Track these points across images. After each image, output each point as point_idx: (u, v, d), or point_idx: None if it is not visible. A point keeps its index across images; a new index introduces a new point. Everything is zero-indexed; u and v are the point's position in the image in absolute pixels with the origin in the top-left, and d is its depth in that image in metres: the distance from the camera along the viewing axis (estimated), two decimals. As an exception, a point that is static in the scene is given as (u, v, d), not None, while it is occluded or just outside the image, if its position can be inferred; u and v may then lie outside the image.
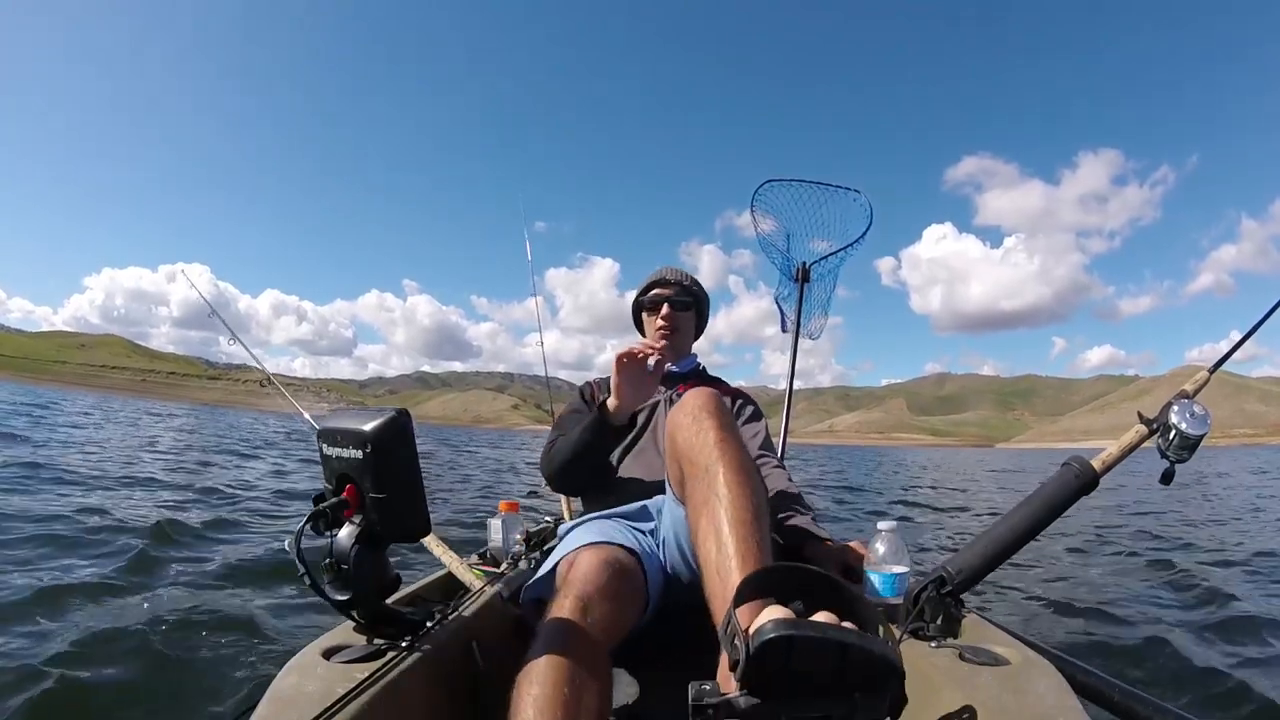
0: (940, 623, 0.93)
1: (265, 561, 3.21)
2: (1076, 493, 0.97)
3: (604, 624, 0.92)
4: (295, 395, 2.04)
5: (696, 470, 0.93)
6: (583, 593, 0.94)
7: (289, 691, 0.74)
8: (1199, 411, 0.95)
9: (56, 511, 4.04)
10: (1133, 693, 0.96)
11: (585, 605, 0.92)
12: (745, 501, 0.85)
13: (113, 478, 5.99)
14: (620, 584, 1.03)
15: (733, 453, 0.92)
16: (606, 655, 0.90)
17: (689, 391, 1.08)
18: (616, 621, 0.97)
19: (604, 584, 0.98)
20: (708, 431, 0.95)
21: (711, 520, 0.85)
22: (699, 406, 1.01)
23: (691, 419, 0.99)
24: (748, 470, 0.91)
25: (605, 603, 0.95)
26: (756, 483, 0.90)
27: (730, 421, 1.00)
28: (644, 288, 1.75)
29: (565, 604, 0.92)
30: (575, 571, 1.01)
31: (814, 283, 2.90)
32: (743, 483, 0.88)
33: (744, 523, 0.83)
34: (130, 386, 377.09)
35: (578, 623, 0.89)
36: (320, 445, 0.88)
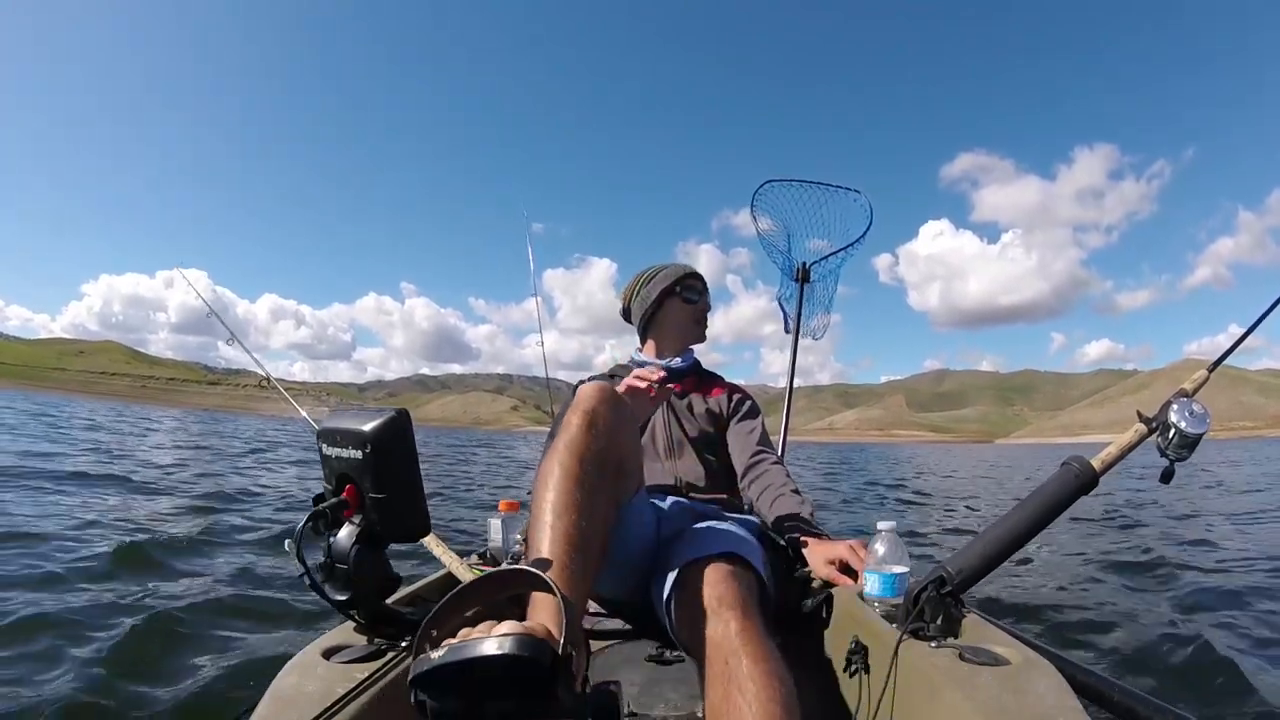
0: (940, 623, 0.93)
1: (265, 561, 3.22)
2: (1076, 492, 0.97)
3: (609, 434, 0.95)
4: (296, 399, 2.05)
5: (715, 664, 0.83)
6: (590, 407, 0.97)
7: (289, 691, 0.74)
8: (1198, 410, 0.95)
9: (57, 512, 4.05)
10: (1133, 693, 0.96)
11: (592, 417, 0.95)
12: (771, 694, 0.76)
13: (114, 478, 5.99)
14: (625, 411, 1.04)
15: (756, 644, 0.83)
16: (614, 465, 0.95)
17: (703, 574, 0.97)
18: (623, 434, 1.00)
19: (610, 397, 1.01)
20: (729, 623, 0.87)
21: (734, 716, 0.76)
22: (719, 599, 0.92)
23: (712, 613, 0.90)
24: (772, 660, 0.81)
25: (610, 414, 0.98)
26: (784, 674, 0.80)
27: (753, 610, 0.91)
28: (676, 277, 1.71)
29: (573, 418, 0.96)
30: (582, 391, 1.03)
31: (815, 282, 2.91)
32: (768, 673, 0.78)
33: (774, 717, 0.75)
34: (130, 393, 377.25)
35: (587, 432, 0.93)
36: (320, 445, 0.88)
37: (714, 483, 1.58)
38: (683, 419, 1.64)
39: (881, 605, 1.05)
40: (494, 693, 0.55)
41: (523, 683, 0.54)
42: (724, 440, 1.66)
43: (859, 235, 2.80)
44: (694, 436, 1.62)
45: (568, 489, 0.85)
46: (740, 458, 1.62)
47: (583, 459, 0.90)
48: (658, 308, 1.72)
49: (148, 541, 3.44)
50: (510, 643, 0.53)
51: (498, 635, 0.54)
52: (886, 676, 0.88)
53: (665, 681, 1.19)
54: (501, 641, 0.54)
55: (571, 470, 0.88)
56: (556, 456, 0.90)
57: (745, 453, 1.61)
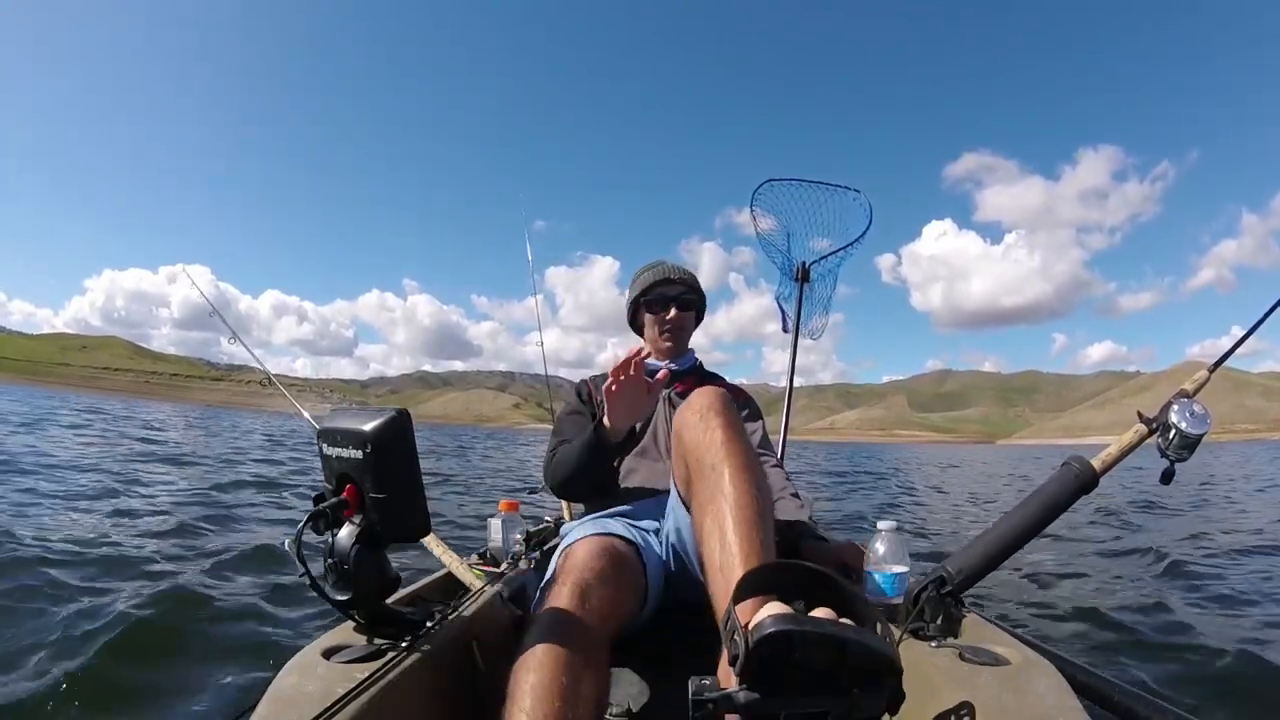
0: (940, 623, 0.93)
1: (265, 561, 3.21)
2: (1076, 492, 0.97)
3: (602, 612, 0.92)
4: (299, 396, 2.04)
5: (702, 469, 0.93)
6: (580, 580, 0.94)
7: (289, 691, 0.74)
8: (1199, 411, 0.95)
9: (57, 510, 4.05)
10: (1133, 693, 0.96)
11: (583, 592, 0.92)
12: (750, 500, 0.85)
13: (116, 479, 5.99)
14: (618, 572, 1.03)
15: (739, 452, 0.92)
16: (605, 644, 0.90)
17: (696, 390, 1.07)
18: (614, 610, 0.96)
19: (601, 570, 0.99)
20: (715, 430, 0.95)
21: (716, 518, 0.85)
22: (706, 405, 1.01)
23: (699, 417, 0.99)
24: (753, 469, 0.91)
25: (603, 590, 0.95)
26: (762, 482, 0.91)
27: (737, 420, 1.00)
28: (645, 285, 1.67)
29: (563, 591, 0.91)
30: (572, 559, 1.02)
31: (814, 282, 2.90)
32: (748, 481, 0.88)
33: (748, 521, 0.83)
34: (134, 389, 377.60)
35: (575, 610, 0.88)
36: (320, 445, 0.88)
37: None
38: None
39: (882, 605, 1.05)
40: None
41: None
42: None
43: (859, 235, 2.80)
44: None
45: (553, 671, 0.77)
46: None
47: (573, 644, 0.81)
48: (633, 316, 1.73)
49: (147, 541, 3.44)
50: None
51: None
52: None
53: (665, 679, 1.19)
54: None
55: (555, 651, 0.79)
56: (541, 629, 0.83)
57: None
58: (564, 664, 0.78)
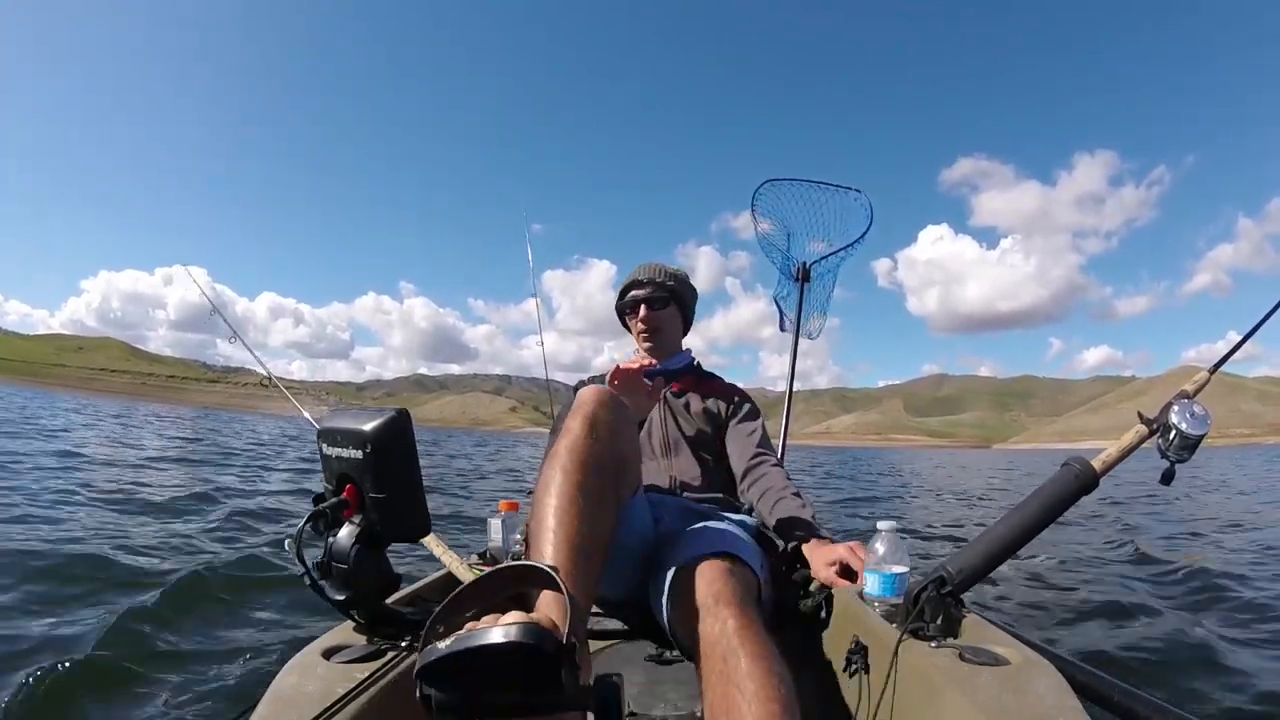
0: (940, 623, 0.93)
1: (265, 561, 3.21)
2: (1076, 493, 0.97)
3: (610, 439, 0.96)
4: (296, 398, 2.04)
5: (712, 659, 0.82)
6: (589, 412, 0.97)
7: (289, 691, 0.74)
8: (1199, 411, 0.95)
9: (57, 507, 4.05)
10: (1133, 693, 0.96)
11: (593, 422, 0.96)
12: (770, 694, 0.75)
13: (114, 476, 5.99)
14: (625, 414, 1.05)
15: (754, 642, 0.82)
16: (612, 473, 0.95)
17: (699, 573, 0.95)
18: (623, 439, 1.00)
19: (608, 401, 1.02)
20: (726, 621, 0.85)
21: (730, 715, 0.75)
22: (715, 596, 0.91)
23: (708, 612, 0.88)
24: (770, 658, 0.80)
25: (610, 418, 0.98)
26: (782, 671, 0.79)
27: (751, 608, 0.90)
28: (621, 291, 1.72)
29: (574, 423, 0.96)
30: (582, 398, 1.03)
31: (814, 282, 2.90)
32: (766, 670, 0.77)
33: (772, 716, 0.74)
34: (130, 390, 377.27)
35: (587, 438, 0.93)
36: (320, 445, 0.88)
37: (710, 482, 1.58)
38: (680, 418, 1.63)
39: (881, 605, 1.05)
40: (499, 684, 0.55)
41: (528, 671, 0.55)
42: (721, 440, 1.66)
43: (859, 235, 2.79)
44: (691, 436, 1.61)
45: (569, 494, 0.85)
46: (739, 459, 1.61)
47: (584, 463, 0.90)
48: (622, 321, 1.77)
49: (146, 540, 3.44)
50: (516, 630, 0.54)
51: (503, 624, 0.55)
52: (886, 676, 0.88)
53: (665, 682, 1.19)
54: (507, 630, 0.54)
55: (573, 475, 0.88)
56: (558, 461, 0.90)
57: (745, 454, 1.60)
58: (580, 486, 0.86)
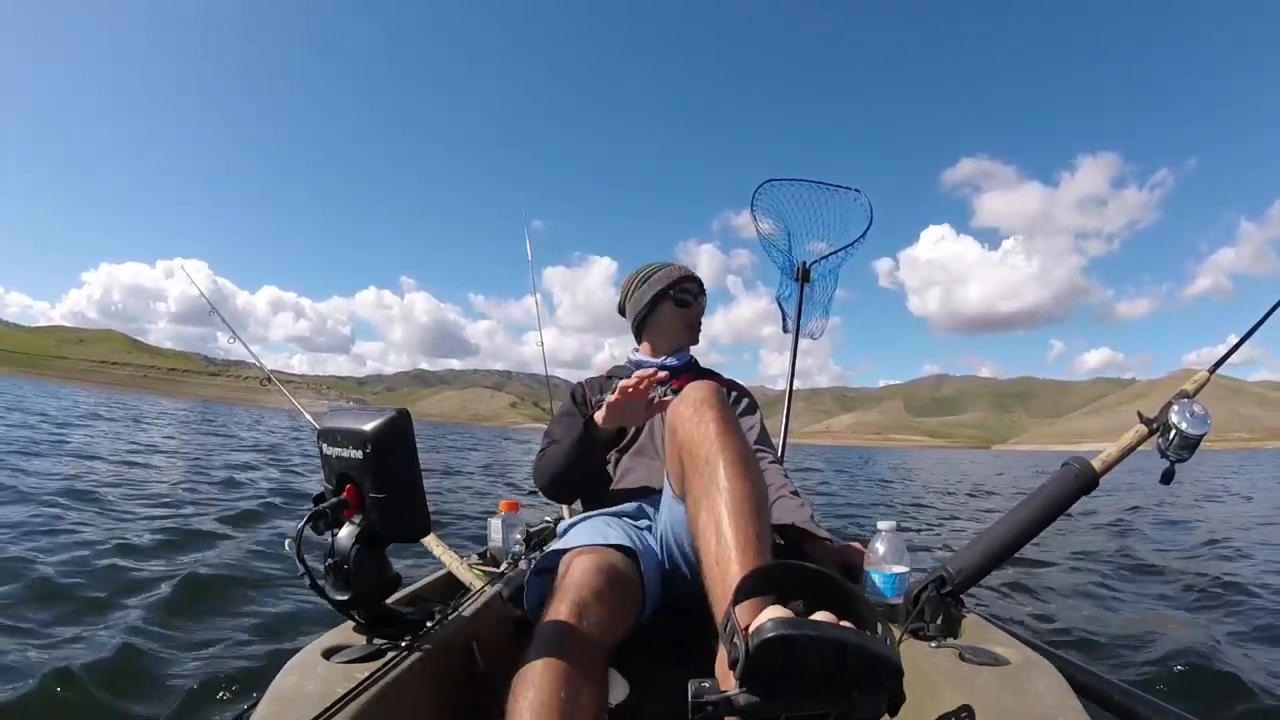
0: (940, 623, 0.93)
1: (265, 561, 3.21)
2: (1076, 493, 0.97)
3: (600, 626, 0.91)
4: (296, 392, 2.04)
5: (696, 462, 0.91)
6: (578, 597, 0.93)
7: (289, 691, 0.74)
8: (1199, 411, 0.95)
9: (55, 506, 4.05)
10: (1133, 693, 0.96)
11: (581, 609, 0.91)
12: (746, 494, 0.84)
13: (115, 475, 5.99)
14: (616, 587, 1.02)
15: (734, 445, 0.91)
16: (603, 657, 0.90)
17: (690, 384, 1.06)
18: (613, 624, 0.96)
19: (599, 587, 0.97)
20: (709, 423, 0.94)
21: (711, 513, 0.84)
22: (700, 399, 0.99)
23: (693, 410, 0.98)
24: (749, 462, 0.90)
25: (601, 605, 0.94)
26: (757, 475, 0.89)
27: (731, 414, 0.98)
28: (670, 280, 1.69)
29: (561, 608, 0.91)
30: (570, 576, 1.00)
31: (814, 282, 2.90)
32: (743, 475, 0.86)
33: (744, 515, 0.82)
34: (132, 383, 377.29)
35: (574, 625, 0.88)
36: (320, 445, 0.88)
37: None
38: None
39: (881, 605, 1.05)
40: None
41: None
42: None
43: (859, 235, 2.79)
44: None
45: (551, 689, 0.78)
46: None
47: (571, 660, 0.82)
48: (650, 310, 1.71)
49: (146, 540, 3.44)
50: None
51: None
52: None
53: (662, 680, 1.19)
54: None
55: (556, 666, 0.80)
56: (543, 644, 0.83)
57: None
58: (562, 678, 0.79)
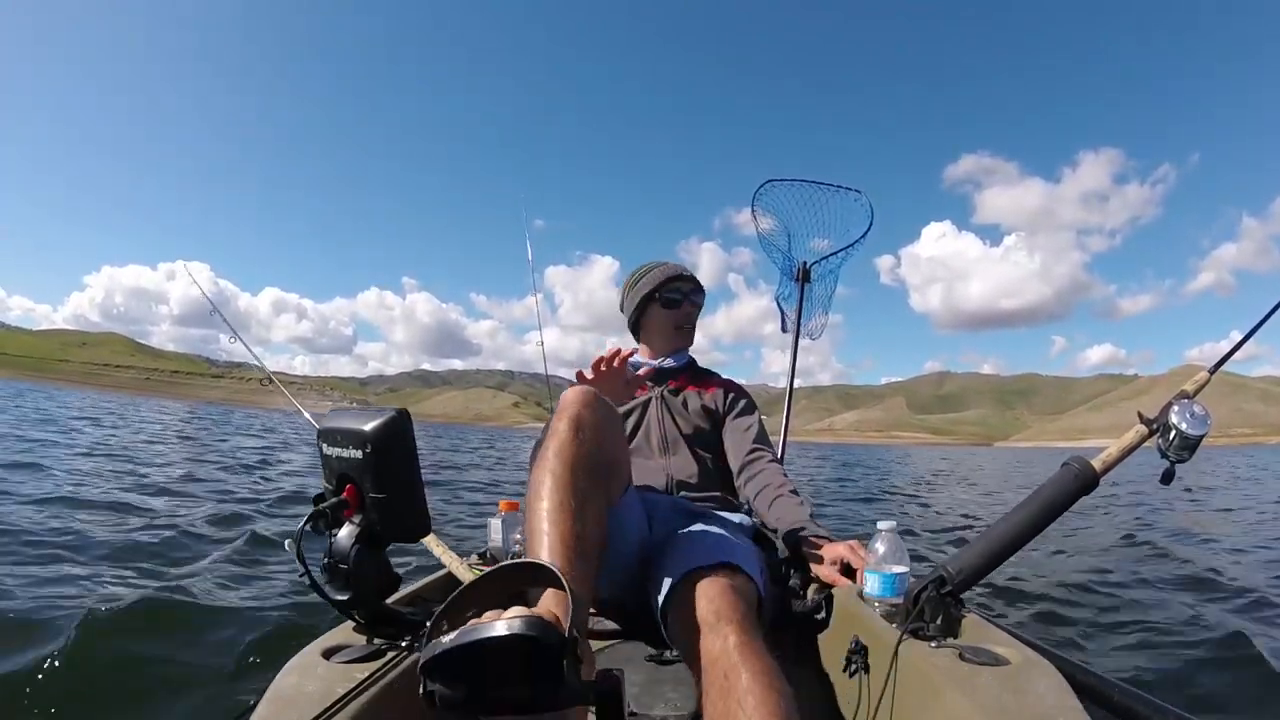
0: (940, 623, 0.93)
1: (265, 561, 3.21)
2: (1076, 493, 0.97)
3: (595, 442, 0.95)
4: (298, 394, 2.05)
5: (713, 676, 0.82)
6: (575, 414, 0.97)
7: (289, 691, 0.74)
8: (1199, 412, 0.95)
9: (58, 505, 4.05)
10: (1133, 693, 0.96)
11: (578, 424, 0.95)
12: (771, 709, 0.75)
13: (115, 474, 6.00)
14: (611, 413, 1.05)
15: (755, 658, 0.81)
16: (601, 470, 0.95)
17: (704, 584, 0.94)
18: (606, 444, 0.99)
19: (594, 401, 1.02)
20: (727, 637, 0.85)
21: None
22: (716, 613, 0.89)
23: (709, 628, 0.88)
24: (772, 674, 0.80)
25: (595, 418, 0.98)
26: (783, 687, 0.79)
27: (752, 622, 0.89)
28: (658, 281, 1.68)
29: (559, 425, 0.96)
30: (565, 401, 1.02)
31: (815, 282, 2.90)
32: (768, 687, 0.77)
33: None
34: (135, 385, 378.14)
35: (573, 442, 0.93)
36: (320, 445, 0.89)
37: (708, 481, 1.56)
38: (677, 415, 1.62)
39: (881, 605, 1.05)
40: (503, 679, 0.56)
41: (531, 665, 0.55)
42: (720, 437, 1.65)
43: (859, 235, 2.79)
44: (688, 434, 1.60)
45: (560, 496, 0.85)
46: (736, 455, 1.60)
47: (572, 464, 0.90)
48: (641, 313, 1.72)
49: (146, 540, 3.44)
50: (519, 624, 0.55)
51: (506, 618, 0.56)
52: (886, 676, 0.88)
53: (665, 681, 1.19)
54: (510, 623, 0.55)
55: (562, 476, 0.88)
56: (546, 464, 0.90)
57: (741, 450, 1.60)
58: (570, 488, 0.86)
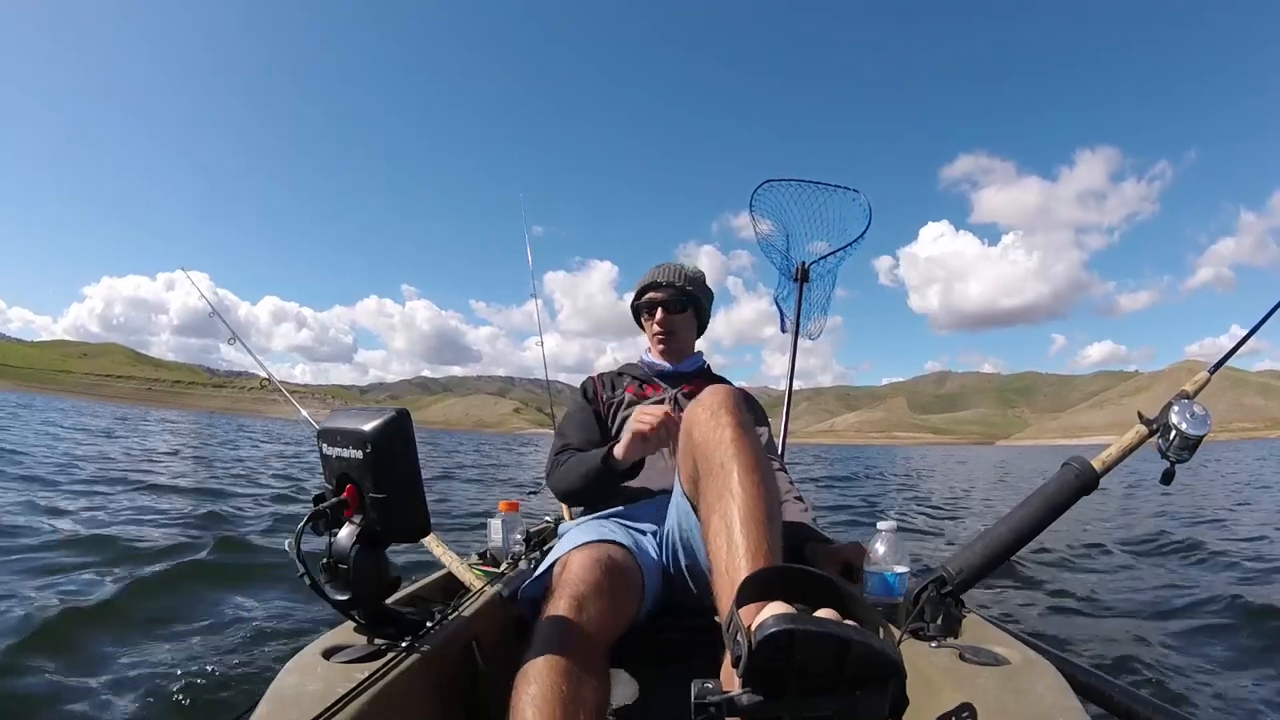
0: (940, 623, 0.93)
1: (265, 561, 3.21)
2: (1076, 493, 0.97)
3: (600, 621, 0.92)
4: (300, 402, 2.05)
5: (711, 467, 0.90)
6: (577, 591, 0.94)
7: (289, 691, 0.74)
8: (1199, 412, 0.95)
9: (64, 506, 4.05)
10: (1133, 693, 0.96)
11: (580, 603, 0.92)
12: (759, 501, 0.83)
13: (119, 480, 5.99)
14: (615, 581, 1.03)
15: (749, 451, 0.90)
16: (604, 652, 0.91)
17: (708, 387, 1.06)
18: (612, 618, 0.97)
19: (597, 581, 0.99)
20: (725, 428, 0.93)
21: (723, 518, 0.83)
22: (718, 403, 0.98)
23: (709, 414, 0.97)
24: (763, 469, 0.89)
25: (600, 600, 0.95)
26: (771, 483, 0.88)
27: (748, 420, 0.97)
28: (639, 290, 1.72)
29: (560, 603, 0.92)
30: (569, 571, 1.01)
31: (813, 283, 2.90)
32: (757, 482, 0.86)
33: (756, 521, 0.81)
34: (136, 395, 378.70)
35: (573, 621, 0.89)
36: (320, 445, 0.89)
37: None
38: None
39: (882, 605, 1.05)
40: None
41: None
42: None
43: (858, 235, 2.80)
44: None
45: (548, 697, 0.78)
46: None
47: (572, 655, 0.83)
48: (636, 320, 1.78)
49: (145, 540, 3.44)
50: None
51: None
52: None
53: (665, 681, 1.19)
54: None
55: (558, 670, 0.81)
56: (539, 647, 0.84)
57: None
58: (564, 673, 0.80)
